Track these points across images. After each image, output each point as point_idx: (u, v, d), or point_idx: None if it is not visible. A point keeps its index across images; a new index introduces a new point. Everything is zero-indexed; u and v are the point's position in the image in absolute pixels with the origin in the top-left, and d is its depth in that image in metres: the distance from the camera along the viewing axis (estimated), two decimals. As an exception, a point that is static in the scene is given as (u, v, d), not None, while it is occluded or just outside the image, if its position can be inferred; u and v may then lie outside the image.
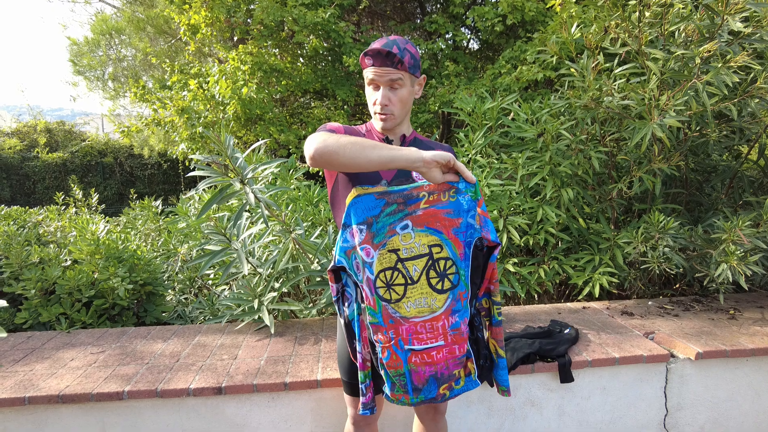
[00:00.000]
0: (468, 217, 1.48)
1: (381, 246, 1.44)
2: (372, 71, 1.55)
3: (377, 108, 1.59)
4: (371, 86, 1.59)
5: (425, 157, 1.37)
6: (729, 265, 2.50)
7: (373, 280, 1.44)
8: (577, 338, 2.38)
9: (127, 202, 7.06)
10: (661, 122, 2.45)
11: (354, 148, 1.37)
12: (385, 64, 1.54)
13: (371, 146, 1.38)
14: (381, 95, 1.56)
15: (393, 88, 1.57)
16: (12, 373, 2.14)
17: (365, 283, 1.45)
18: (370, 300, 1.45)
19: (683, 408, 2.33)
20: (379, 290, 1.44)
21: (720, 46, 2.46)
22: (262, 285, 2.64)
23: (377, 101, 1.57)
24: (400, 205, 1.46)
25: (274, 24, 5.37)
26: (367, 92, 1.62)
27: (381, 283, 1.44)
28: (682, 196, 3.27)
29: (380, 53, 1.53)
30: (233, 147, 2.28)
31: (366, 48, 5.42)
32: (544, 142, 2.94)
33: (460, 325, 1.48)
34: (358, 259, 1.46)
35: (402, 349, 1.45)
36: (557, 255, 3.07)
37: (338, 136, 1.41)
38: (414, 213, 1.46)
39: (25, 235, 3.36)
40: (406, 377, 1.48)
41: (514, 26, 5.50)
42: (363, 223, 1.45)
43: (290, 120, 6.36)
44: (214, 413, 2.07)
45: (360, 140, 1.39)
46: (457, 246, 1.47)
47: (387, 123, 1.61)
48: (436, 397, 1.50)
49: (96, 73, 11.07)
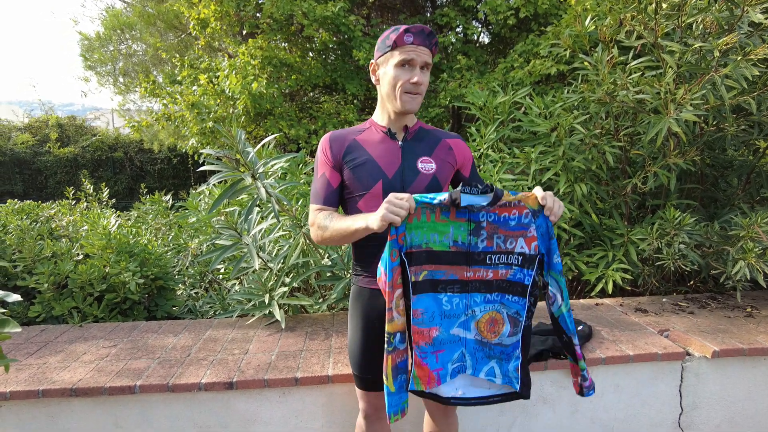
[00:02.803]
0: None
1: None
2: (412, 49, 1.52)
3: (410, 87, 1.55)
4: (404, 65, 1.54)
5: (378, 218, 1.39)
6: (747, 262, 2.45)
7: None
8: (590, 335, 2.35)
9: (137, 196, 7.11)
10: (677, 116, 2.40)
11: (335, 237, 1.58)
12: (424, 43, 1.54)
13: (345, 231, 1.53)
14: (418, 73, 1.54)
15: (423, 69, 1.57)
16: (26, 366, 2.16)
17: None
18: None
19: (699, 407, 2.29)
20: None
21: (740, 38, 2.40)
22: (273, 280, 2.64)
23: (412, 79, 1.54)
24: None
25: (284, 18, 5.36)
26: (392, 73, 1.56)
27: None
28: (697, 191, 3.21)
29: (423, 31, 1.53)
30: (244, 141, 2.27)
31: (376, 39, 5.39)
32: (558, 136, 2.90)
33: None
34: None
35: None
36: (570, 251, 3.04)
37: (322, 229, 1.59)
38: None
39: (37, 229, 3.38)
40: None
41: (527, 19, 5.44)
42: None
43: (300, 114, 6.35)
44: (225, 408, 2.07)
45: (335, 230, 1.56)
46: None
47: (415, 103, 1.59)
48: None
49: (107, 68, 11.14)
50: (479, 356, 1.59)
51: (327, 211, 1.63)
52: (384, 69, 1.59)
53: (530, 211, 1.50)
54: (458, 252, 1.51)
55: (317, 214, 1.64)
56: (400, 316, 1.48)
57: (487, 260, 1.52)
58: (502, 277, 1.54)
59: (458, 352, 1.57)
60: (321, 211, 1.64)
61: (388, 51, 1.56)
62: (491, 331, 1.57)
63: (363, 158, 1.62)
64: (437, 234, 1.49)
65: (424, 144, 1.68)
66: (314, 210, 1.66)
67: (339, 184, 1.65)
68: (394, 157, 1.63)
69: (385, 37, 1.59)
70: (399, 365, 1.51)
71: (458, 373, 1.58)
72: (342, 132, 1.69)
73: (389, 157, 1.63)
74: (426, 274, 1.50)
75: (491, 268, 1.53)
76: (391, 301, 1.46)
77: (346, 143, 1.64)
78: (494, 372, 1.59)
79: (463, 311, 1.54)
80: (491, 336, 1.57)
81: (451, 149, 1.71)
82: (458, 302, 1.53)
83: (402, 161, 1.63)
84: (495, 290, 1.55)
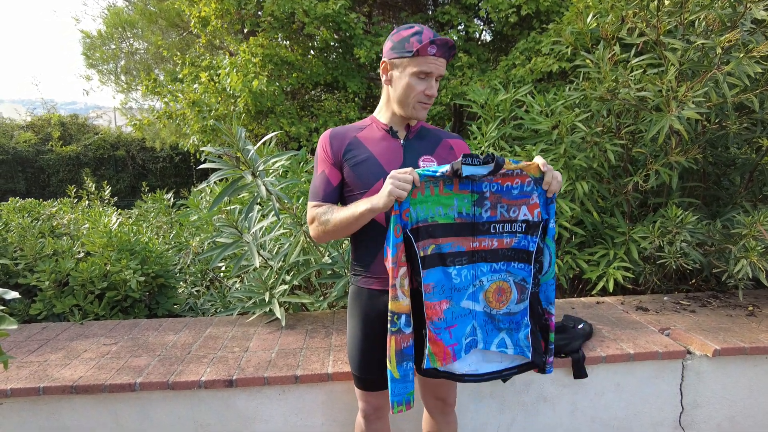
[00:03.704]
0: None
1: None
2: (433, 61, 1.51)
3: (424, 98, 1.56)
4: (419, 76, 1.53)
5: (385, 195, 1.41)
6: (749, 260, 2.44)
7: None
8: (591, 333, 2.34)
9: (139, 194, 7.13)
10: (679, 114, 2.39)
11: (338, 229, 1.56)
12: (445, 56, 1.54)
13: (349, 218, 1.52)
14: (434, 86, 1.55)
15: (437, 80, 1.57)
16: (27, 364, 2.16)
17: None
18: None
19: (700, 406, 2.28)
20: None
21: (742, 35, 2.38)
22: (273, 278, 2.64)
23: (429, 91, 1.55)
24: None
25: (285, 16, 5.35)
26: (407, 81, 1.54)
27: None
28: (699, 189, 3.20)
29: (447, 44, 1.51)
30: (245, 139, 2.27)
31: (381, 39, 5.39)
32: (559, 134, 2.89)
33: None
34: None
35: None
36: (571, 249, 3.03)
37: (323, 224, 1.58)
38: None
39: (39, 227, 3.39)
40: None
41: (529, 17, 5.42)
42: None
43: (301, 113, 6.34)
44: (226, 405, 2.07)
45: (339, 220, 1.54)
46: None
47: (425, 112, 1.61)
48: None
49: (109, 66, 11.15)
50: (489, 329, 1.59)
51: (326, 206, 1.62)
52: (399, 73, 1.56)
53: (532, 179, 1.52)
54: (463, 223, 1.52)
55: (316, 210, 1.63)
56: (404, 296, 1.47)
57: (491, 229, 1.53)
58: (507, 246, 1.55)
59: (470, 326, 1.57)
60: (319, 207, 1.63)
61: (408, 57, 1.52)
62: (499, 300, 1.57)
63: (364, 156, 1.61)
64: (442, 207, 1.50)
65: (426, 143, 1.68)
66: (312, 206, 1.65)
67: (339, 182, 1.64)
68: (396, 156, 1.62)
69: (403, 38, 1.53)
70: (405, 351, 1.49)
71: (471, 348, 1.58)
72: (342, 129, 1.68)
73: (390, 155, 1.62)
74: (434, 248, 1.51)
75: (496, 237, 1.54)
76: (395, 278, 1.45)
77: (347, 140, 1.63)
78: (505, 343, 1.60)
79: (471, 282, 1.55)
80: (499, 305, 1.57)
81: (452, 149, 1.71)
82: (466, 274, 1.54)
83: (404, 160, 1.62)
84: (501, 259, 1.56)
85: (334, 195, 1.65)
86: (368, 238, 1.63)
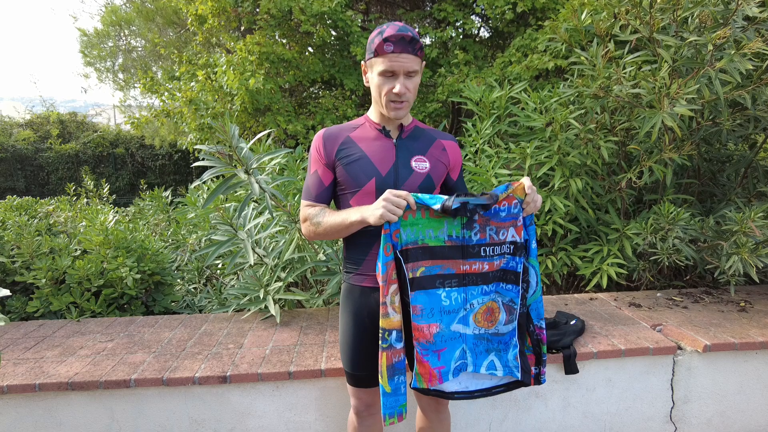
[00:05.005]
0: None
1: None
2: (393, 59, 1.47)
3: (393, 97, 1.52)
4: (385, 75, 1.51)
5: (377, 216, 1.42)
6: (740, 257, 2.45)
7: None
8: (583, 329, 2.36)
9: (138, 192, 7.14)
10: (671, 111, 2.40)
11: (329, 232, 1.59)
12: (406, 50, 1.48)
13: (340, 225, 1.55)
14: (400, 84, 1.50)
15: (409, 76, 1.52)
16: (23, 361, 2.18)
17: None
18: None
19: (690, 401, 2.30)
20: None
21: (734, 32, 2.39)
22: (268, 275, 2.65)
23: (395, 90, 1.50)
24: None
25: (281, 14, 5.35)
26: (376, 81, 1.53)
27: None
28: (694, 186, 3.21)
29: (404, 39, 1.46)
30: (238, 137, 2.28)
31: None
32: (553, 131, 2.89)
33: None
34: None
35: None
36: (565, 246, 3.05)
37: (315, 225, 1.61)
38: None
39: (36, 225, 3.40)
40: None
41: (525, 14, 5.42)
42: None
43: (298, 110, 6.35)
44: (220, 401, 2.09)
45: (330, 225, 1.57)
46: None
47: (401, 111, 1.57)
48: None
49: (106, 64, 11.13)
50: (479, 351, 1.60)
51: (318, 207, 1.64)
52: (371, 74, 1.57)
53: (518, 201, 1.53)
54: (453, 246, 1.53)
55: (309, 210, 1.65)
56: (395, 312, 1.48)
57: (482, 252, 1.54)
58: (497, 268, 1.56)
59: (459, 349, 1.58)
60: (312, 207, 1.65)
61: (372, 57, 1.52)
62: (488, 320, 1.58)
63: (356, 155, 1.62)
64: (432, 230, 1.51)
65: (419, 143, 1.68)
66: (305, 206, 1.67)
67: (331, 182, 1.66)
68: (388, 155, 1.63)
69: (371, 39, 1.55)
70: (396, 365, 1.50)
71: (460, 371, 1.60)
72: (336, 129, 1.69)
73: (383, 155, 1.63)
74: (423, 270, 1.52)
75: (486, 260, 1.55)
76: (385, 296, 1.47)
77: (340, 140, 1.65)
78: (494, 365, 1.61)
79: (462, 306, 1.56)
80: (488, 325, 1.59)
81: (444, 150, 1.72)
82: (456, 297, 1.55)
83: (396, 159, 1.63)
84: (491, 281, 1.57)
85: (326, 195, 1.67)
86: (360, 237, 1.64)
